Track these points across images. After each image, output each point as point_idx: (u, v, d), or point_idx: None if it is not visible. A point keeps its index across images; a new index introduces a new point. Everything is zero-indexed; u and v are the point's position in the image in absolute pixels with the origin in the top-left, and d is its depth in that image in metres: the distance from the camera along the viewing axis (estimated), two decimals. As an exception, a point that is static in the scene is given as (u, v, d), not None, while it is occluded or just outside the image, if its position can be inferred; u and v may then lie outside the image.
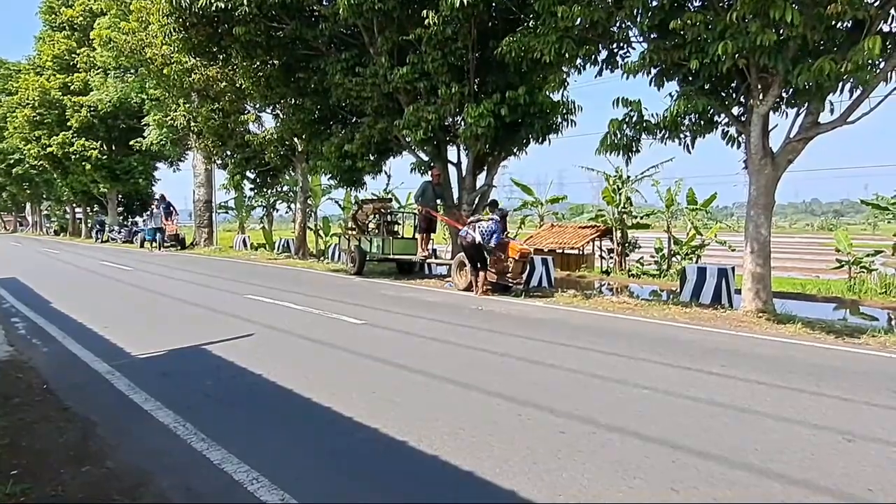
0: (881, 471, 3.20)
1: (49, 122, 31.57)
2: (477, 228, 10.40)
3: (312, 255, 22.47)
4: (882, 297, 12.93)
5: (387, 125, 12.93)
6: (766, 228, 8.39)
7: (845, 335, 7.13)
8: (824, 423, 3.93)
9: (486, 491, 2.94)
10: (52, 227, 49.34)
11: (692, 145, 8.94)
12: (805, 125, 8.08)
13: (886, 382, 5.04)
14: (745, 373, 5.23)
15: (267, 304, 9.25)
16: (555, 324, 7.84)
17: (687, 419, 4.00)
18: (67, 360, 5.60)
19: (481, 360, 5.77)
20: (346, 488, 3.00)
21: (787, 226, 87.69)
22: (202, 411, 4.12)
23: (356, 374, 5.18)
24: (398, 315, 8.28)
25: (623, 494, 2.88)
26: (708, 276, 10.07)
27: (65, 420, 3.92)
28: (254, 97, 16.46)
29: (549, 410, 4.11)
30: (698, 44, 7.45)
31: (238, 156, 20.88)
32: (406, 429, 3.73)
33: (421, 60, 11.46)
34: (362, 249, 13.82)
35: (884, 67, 7.26)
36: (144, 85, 24.35)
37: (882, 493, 2.93)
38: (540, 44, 8.88)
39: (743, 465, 3.22)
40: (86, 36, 29.56)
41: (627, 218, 20.44)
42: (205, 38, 13.79)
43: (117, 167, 32.05)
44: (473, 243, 10.39)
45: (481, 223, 10.51)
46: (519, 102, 11.14)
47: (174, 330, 7.05)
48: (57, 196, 42.39)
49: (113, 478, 3.08)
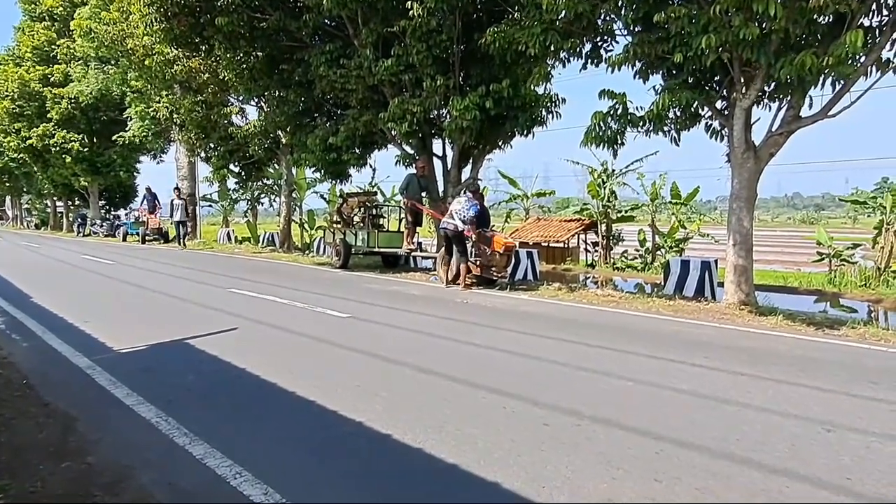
0: (860, 460, 3.24)
1: (29, 115, 30.99)
2: (456, 216, 10.33)
3: (297, 249, 22.33)
4: (861, 289, 13.10)
5: (372, 118, 12.85)
6: (748, 221, 8.47)
7: (826, 327, 7.23)
8: (805, 413, 3.98)
9: (470, 483, 2.94)
10: (33, 221, 48.62)
11: (678, 138, 8.98)
12: (787, 119, 8.16)
13: (866, 373, 5.12)
14: (728, 364, 5.29)
15: (251, 297, 9.18)
16: (540, 317, 7.87)
17: (670, 411, 4.03)
18: (48, 356, 5.52)
19: (466, 352, 5.78)
20: (330, 481, 2.99)
21: (769, 219, 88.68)
22: (184, 406, 4.08)
23: (341, 367, 5.16)
24: (383, 308, 8.26)
25: (606, 486, 2.90)
26: (691, 269, 10.16)
27: (44, 416, 3.86)
28: (237, 89, 16.29)
29: (534, 403, 4.13)
30: (682, 37, 7.49)
31: (222, 148, 20.68)
32: (391, 422, 3.72)
33: (406, 52, 11.40)
34: (347, 243, 13.76)
35: (864, 61, 7.34)
36: (126, 76, 23.97)
37: (860, 481, 2.97)
38: (525, 36, 8.88)
39: (725, 456, 3.25)
40: (66, 26, 28.98)
41: (612, 211, 20.52)
42: (187, 29, 13.61)
43: (98, 160, 31.59)
44: (456, 231, 10.33)
45: (457, 208, 10.43)
46: (503, 95, 11.13)
47: (156, 324, 6.97)
48: (37, 189, 41.73)
49: (93, 473, 3.04)
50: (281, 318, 7.45)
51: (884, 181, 28.57)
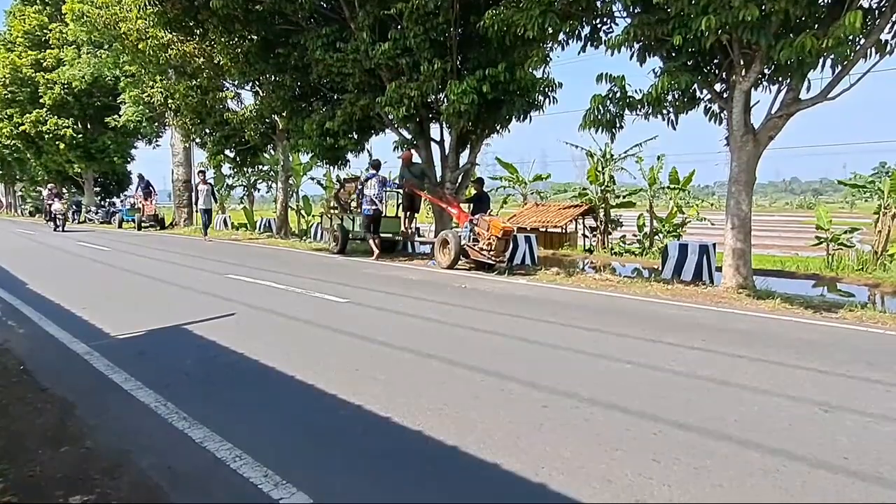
0: (856, 440, 3.26)
1: (21, 100, 30.64)
2: (373, 202, 12.29)
3: (294, 235, 22.29)
4: (859, 273, 13.14)
5: (369, 102, 12.76)
6: (747, 205, 8.45)
7: (823, 310, 7.25)
8: (802, 394, 3.99)
9: (471, 464, 2.95)
10: (28, 209, 48.37)
11: (676, 122, 8.93)
12: (786, 101, 8.11)
13: (862, 355, 5.13)
14: (726, 347, 5.30)
15: (248, 283, 9.16)
16: (538, 301, 7.87)
17: (668, 392, 4.04)
18: (45, 342, 5.51)
19: (464, 336, 5.78)
20: (329, 464, 2.99)
21: (767, 204, 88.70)
22: (183, 390, 4.08)
23: (339, 352, 5.16)
24: (381, 293, 8.25)
25: (605, 466, 2.91)
26: (689, 253, 10.15)
27: (42, 401, 3.86)
28: (232, 74, 16.11)
29: (532, 385, 4.13)
30: (682, 19, 7.41)
31: (217, 134, 20.48)
32: (389, 405, 3.72)
33: (403, 36, 11.29)
34: (345, 228, 13.73)
35: (864, 43, 7.30)
36: (118, 60, 23.70)
37: (857, 461, 2.98)
38: (523, 18, 8.78)
39: (723, 436, 3.26)
40: (58, 10, 28.57)
41: (611, 196, 20.51)
42: (181, 12, 13.45)
43: (92, 146, 31.30)
44: (378, 214, 12.50)
45: (371, 193, 12.43)
46: (500, 79, 11.04)
47: (154, 310, 6.96)
48: (31, 176, 41.43)
49: (92, 458, 3.04)
50: (279, 303, 7.43)
51: (882, 166, 28.58)
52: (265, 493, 2.67)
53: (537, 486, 2.73)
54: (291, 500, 2.61)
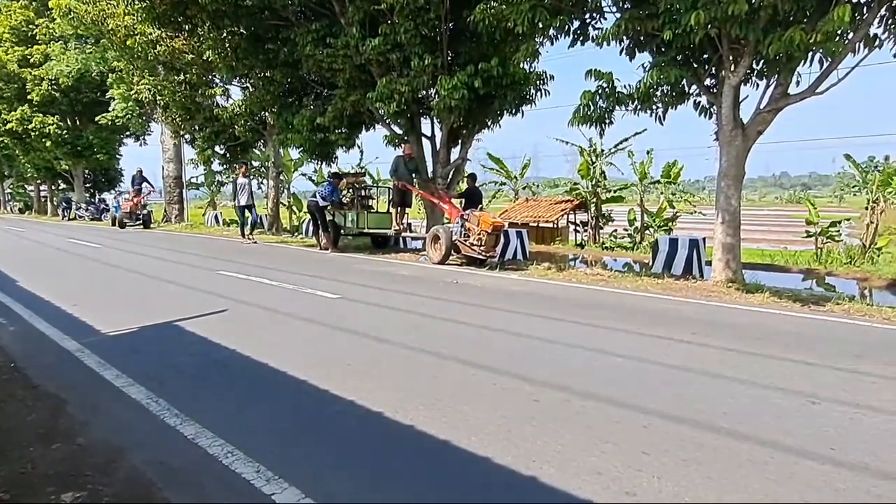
0: (844, 431, 3.30)
1: (8, 97, 30.31)
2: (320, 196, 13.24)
3: (286, 231, 22.23)
4: (847, 266, 13.27)
5: (359, 97, 12.74)
6: (736, 199, 8.51)
7: (811, 303, 7.32)
8: (791, 386, 4.04)
9: (463, 458, 2.97)
10: (17, 206, 47.94)
11: (664, 117, 8.97)
12: (775, 96, 8.17)
13: (850, 347, 5.19)
14: (716, 340, 5.34)
15: (240, 279, 9.14)
16: (529, 296, 7.90)
17: (658, 385, 4.07)
18: (36, 339, 5.47)
19: (456, 331, 5.80)
20: (321, 459, 3.00)
21: (756, 199, 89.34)
22: (175, 387, 4.07)
23: (331, 347, 5.16)
24: (373, 289, 8.25)
25: (596, 458, 2.93)
26: (679, 248, 10.22)
27: (33, 398, 3.84)
28: (221, 70, 16.03)
29: (524, 379, 4.16)
30: (671, 14, 7.44)
31: (207, 130, 20.39)
32: (382, 400, 3.73)
33: (393, 31, 11.27)
34: (336, 224, 13.71)
35: (852, 38, 7.35)
36: (105, 55, 23.45)
37: (844, 451, 3.02)
38: (513, 13, 8.78)
39: (712, 429, 3.30)
40: (45, 5, 28.23)
41: (602, 192, 20.58)
42: (169, 7, 13.36)
43: (79, 143, 31.01)
44: (318, 206, 13.32)
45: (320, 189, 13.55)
46: (492, 74, 11.04)
47: (145, 307, 6.93)
48: (20, 173, 41.04)
49: (84, 454, 3.03)
50: (270, 299, 7.42)
51: (870, 160, 28.84)
52: (257, 488, 2.67)
53: (528, 478, 2.75)
54: (283, 495, 2.61)
